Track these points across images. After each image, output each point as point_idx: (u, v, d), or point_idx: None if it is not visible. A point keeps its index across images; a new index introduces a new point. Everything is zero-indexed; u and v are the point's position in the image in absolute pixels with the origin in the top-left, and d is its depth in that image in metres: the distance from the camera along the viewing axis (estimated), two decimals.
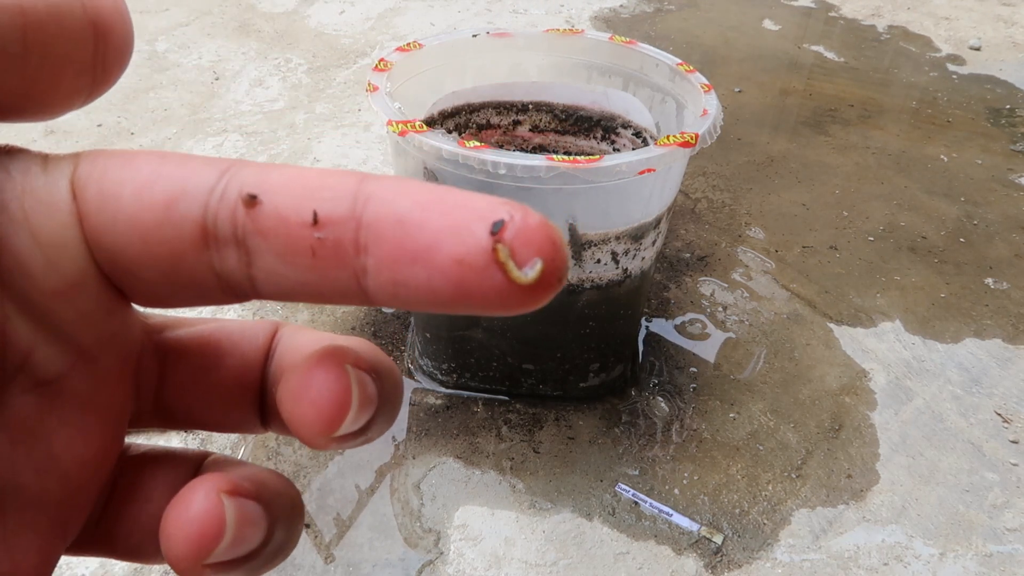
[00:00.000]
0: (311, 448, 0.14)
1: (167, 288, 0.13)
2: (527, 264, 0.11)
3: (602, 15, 2.03)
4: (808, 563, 0.78)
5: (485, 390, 0.93)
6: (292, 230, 0.12)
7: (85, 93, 0.14)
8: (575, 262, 0.78)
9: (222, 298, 0.13)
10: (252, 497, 0.14)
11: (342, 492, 0.82)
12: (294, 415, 0.14)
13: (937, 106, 1.68)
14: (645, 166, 0.68)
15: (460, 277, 0.12)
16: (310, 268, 0.12)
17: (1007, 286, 1.16)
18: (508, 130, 0.99)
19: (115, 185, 0.13)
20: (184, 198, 0.12)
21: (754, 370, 1.00)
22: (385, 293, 0.12)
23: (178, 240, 0.13)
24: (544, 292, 0.12)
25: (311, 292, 0.13)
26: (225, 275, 0.13)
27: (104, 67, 0.14)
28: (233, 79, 1.64)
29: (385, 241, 0.12)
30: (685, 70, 0.85)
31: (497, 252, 0.11)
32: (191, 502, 0.13)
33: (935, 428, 0.93)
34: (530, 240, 0.12)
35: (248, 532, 0.14)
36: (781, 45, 1.92)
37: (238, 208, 0.12)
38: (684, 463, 0.87)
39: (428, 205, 0.12)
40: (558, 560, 0.77)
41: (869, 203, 1.34)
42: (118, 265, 0.13)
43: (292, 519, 0.16)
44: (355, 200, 0.12)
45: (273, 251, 0.12)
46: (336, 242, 0.12)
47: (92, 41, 0.13)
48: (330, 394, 0.13)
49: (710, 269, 1.16)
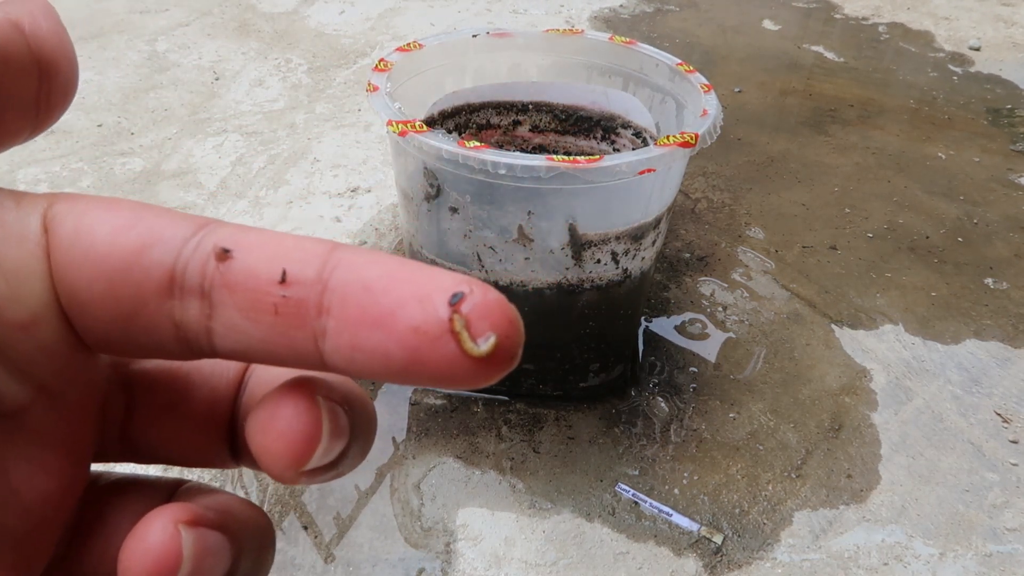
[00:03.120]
0: (281, 483, 0.14)
1: (122, 333, 0.13)
2: (481, 337, 0.12)
3: (602, 15, 2.03)
4: (808, 563, 0.78)
5: (485, 390, 0.93)
6: (259, 285, 0.12)
7: (28, 131, 0.14)
8: (575, 262, 0.78)
9: (176, 350, 0.13)
10: (214, 527, 0.14)
11: (342, 492, 0.83)
12: (262, 448, 0.13)
13: (937, 106, 1.68)
14: (645, 166, 0.68)
15: (416, 344, 0.12)
16: (270, 326, 0.12)
17: (1007, 286, 1.16)
18: (508, 130, 0.99)
19: (93, 223, 0.13)
20: (159, 245, 0.13)
21: (754, 370, 1.00)
22: (341, 357, 0.12)
23: (145, 285, 0.13)
24: (495, 367, 0.12)
25: (268, 351, 0.13)
26: (184, 325, 0.13)
27: (48, 105, 0.14)
28: (233, 79, 1.64)
29: (349, 305, 0.12)
30: (685, 70, 0.85)
31: (453, 322, 0.12)
32: (147, 534, 0.13)
33: (935, 428, 0.93)
34: (486, 314, 0.12)
35: (209, 563, 0.14)
36: (781, 45, 1.92)
37: (209, 261, 0.13)
38: (684, 463, 0.87)
39: (394, 275, 0.12)
40: (558, 560, 0.77)
41: (869, 203, 1.34)
42: (78, 303, 0.13)
43: (261, 549, 0.16)
44: (324, 264, 0.12)
45: (237, 305, 0.13)
46: (299, 302, 0.12)
47: (36, 80, 0.13)
48: (300, 426, 0.13)
49: (710, 269, 1.16)
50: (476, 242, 0.77)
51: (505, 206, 0.73)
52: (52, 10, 0.14)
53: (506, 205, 0.73)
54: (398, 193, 0.84)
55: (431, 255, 0.82)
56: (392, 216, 1.24)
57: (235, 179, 1.32)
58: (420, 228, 0.81)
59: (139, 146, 1.40)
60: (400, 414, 0.91)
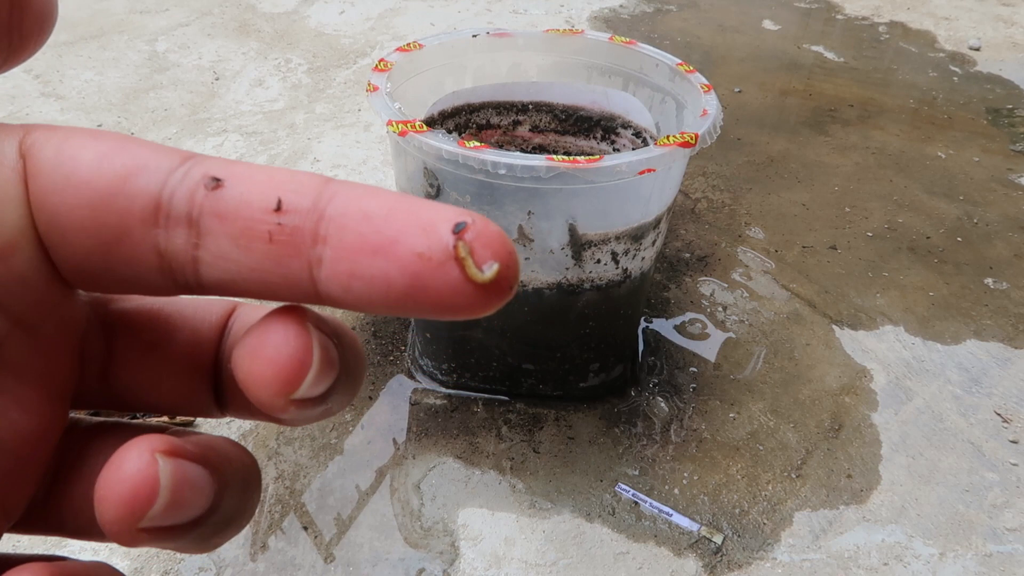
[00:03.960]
0: (269, 414, 0.13)
1: (102, 263, 0.13)
2: (484, 264, 0.12)
3: (602, 15, 2.03)
4: (808, 563, 0.78)
5: (485, 390, 0.93)
6: (253, 213, 0.12)
7: (2, 52, 0.13)
8: (575, 262, 0.78)
9: (158, 283, 0.13)
10: (194, 459, 0.13)
11: (342, 492, 0.83)
12: (251, 374, 0.13)
13: (937, 106, 1.68)
14: (645, 166, 0.68)
15: (419, 270, 0.12)
16: (264, 254, 0.12)
17: (1007, 286, 1.16)
18: (508, 130, 0.99)
19: (76, 149, 0.13)
20: (144, 172, 0.12)
21: (754, 370, 1.00)
22: (338, 285, 0.12)
23: (128, 211, 0.12)
24: (497, 295, 0.12)
25: (259, 281, 0.13)
26: (169, 254, 0.13)
27: (21, 35, 0.13)
28: (233, 79, 1.64)
29: (348, 232, 0.12)
30: (685, 70, 0.85)
31: (458, 249, 0.12)
32: (123, 463, 0.13)
33: (935, 428, 0.93)
34: (489, 243, 0.12)
35: (188, 495, 0.13)
36: (781, 45, 1.92)
37: (198, 189, 0.12)
38: (684, 463, 0.87)
39: (395, 206, 0.12)
40: (558, 560, 0.77)
41: (869, 203, 1.34)
42: (58, 230, 0.13)
43: (246, 486, 0.15)
44: (320, 195, 0.12)
45: (228, 233, 0.12)
46: (295, 229, 0.12)
47: (7, 8, 0.13)
48: (289, 350, 0.13)
49: (710, 269, 1.16)
50: None
51: (505, 206, 0.73)
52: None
53: (506, 205, 0.73)
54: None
55: None
56: None
57: None
58: None
59: None
60: (400, 414, 0.91)
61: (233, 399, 0.17)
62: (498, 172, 0.66)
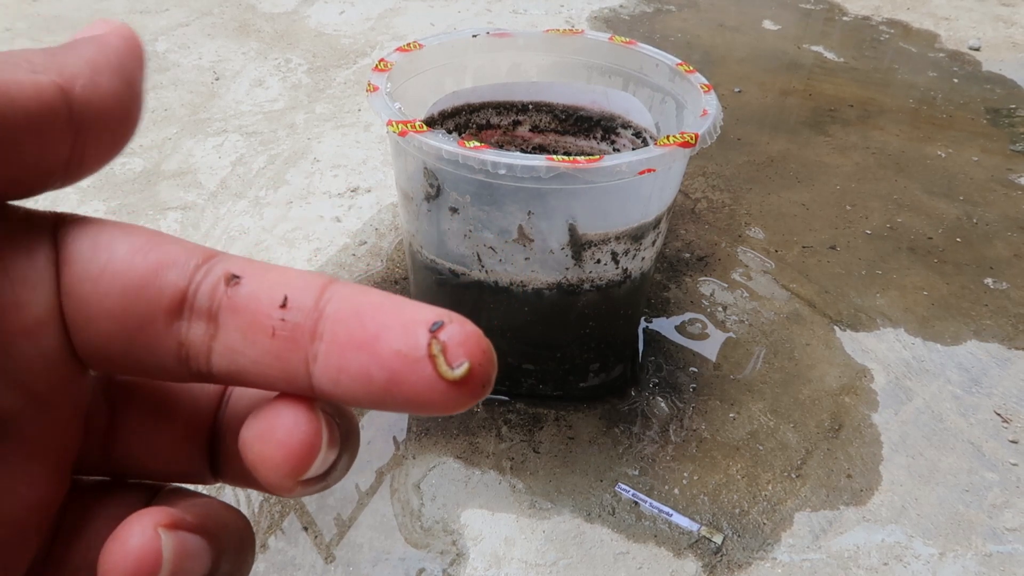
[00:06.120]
0: (274, 494, 0.14)
1: (123, 348, 0.14)
2: (455, 362, 0.13)
3: (602, 15, 2.03)
4: (808, 563, 0.78)
5: None
6: (261, 308, 0.13)
7: (55, 184, 0.14)
8: (575, 262, 0.78)
9: (173, 370, 0.14)
10: (193, 530, 0.14)
11: (342, 492, 0.83)
12: (261, 457, 0.13)
13: (937, 106, 1.68)
14: (645, 166, 0.68)
15: (396, 367, 0.13)
16: (266, 348, 0.13)
17: (1007, 286, 1.16)
18: (508, 130, 0.99)
19: (111, 241, 0.14)
20: (174, 267, 0.13)
21: (754, 370, 1.00)
22: (328, 379, 0.13)
23: (157, 302, 0.13)
24: (468, 392, 0.13)
25: (260, 373, 0.13)
26: (188, 345, 0.14)
27: (81, 163, 0.14)
28: (233, 79, 1.64)
29: (340, 329, 0.13)
30: (685, 70, 0.85)
31: (431, 346, 0.13)
32: (127, 537, 0.13)
33: (935, 428, 0.93)
34: (462, 342, 0.13)
35: (188, 566, 0.14)
36: (781, 45, 1.92)
37: (219, 285, 0.13)
38: (684, 463, 0.87)
39: (382, 305, 0.13)
40: (558, 560, 0.77)
41: (869, 203, 1.34)
42: (85, 316, 0.13)
43: (240, 551, 0.16)
44: (322, 295, 0.13)
45: (238, 326, 0.13)
46: (296, 326, 0.13)
47: (69, 143, 0.13)
48: (301, 434, 0.13)
49: (710, 269, 1.16)
50: (476, 242, 0.77)
51: (505, 206, 0.73)
52: (125, 58, 0.14)
53: (506, 205, 0.73)
54: (398, 193, 0.84)
55: (431, 255, 0.82)
56: (392, 216, 1.24)
57: (235, 179, 1.32)
58: (420, 228, 0.81)
59: (139, 146, 1.40)
60: (400, 414, 0.91)
61: (228, 467, 0.17)
62: (498, 172, 0.66)
